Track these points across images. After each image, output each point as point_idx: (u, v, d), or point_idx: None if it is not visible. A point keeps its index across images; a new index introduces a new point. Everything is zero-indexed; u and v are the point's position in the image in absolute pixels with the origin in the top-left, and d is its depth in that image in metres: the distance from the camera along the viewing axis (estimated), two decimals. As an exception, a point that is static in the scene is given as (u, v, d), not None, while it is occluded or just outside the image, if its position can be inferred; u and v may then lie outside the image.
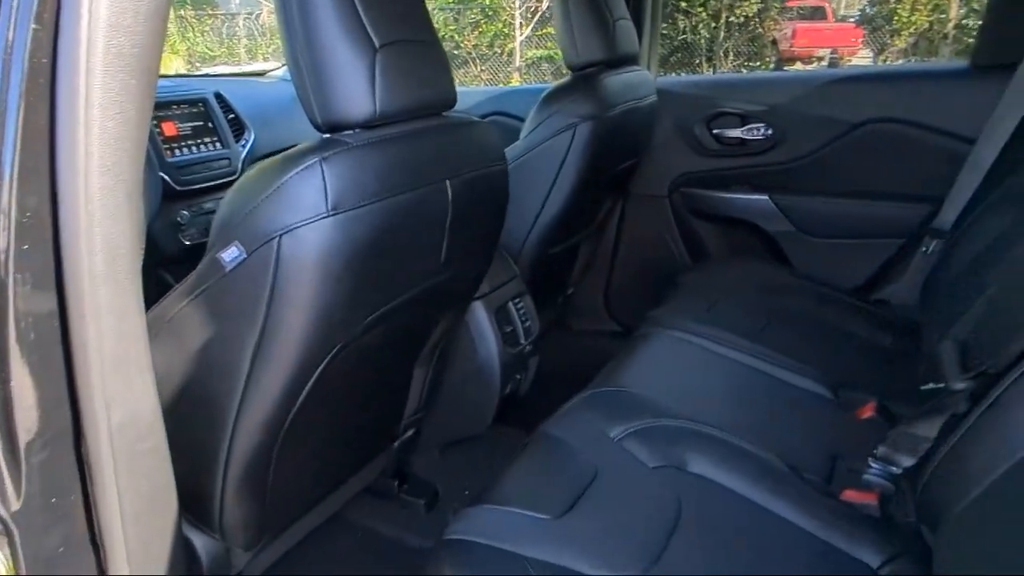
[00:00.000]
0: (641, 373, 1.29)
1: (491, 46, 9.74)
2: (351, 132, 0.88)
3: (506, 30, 9.61)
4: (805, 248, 1.90)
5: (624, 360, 1.34)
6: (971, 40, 9.00)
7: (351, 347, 0.98)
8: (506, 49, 9.63)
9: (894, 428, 1.00)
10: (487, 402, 1.49)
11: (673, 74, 8.58)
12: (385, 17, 0.89)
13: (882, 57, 9.86)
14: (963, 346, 1.20)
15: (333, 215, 0.81)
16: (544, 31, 9.22)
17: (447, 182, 0.97)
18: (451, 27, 9.70)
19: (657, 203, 2.08)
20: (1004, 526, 0.76)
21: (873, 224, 1.81)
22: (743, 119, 1.95)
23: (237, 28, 10.24)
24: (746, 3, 9.31)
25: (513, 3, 9.48)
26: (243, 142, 1.61)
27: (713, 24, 9.29)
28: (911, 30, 9.48)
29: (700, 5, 9.17)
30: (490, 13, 9.74)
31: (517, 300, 1.49)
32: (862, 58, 10.65)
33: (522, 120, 1.72)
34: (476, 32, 9.77)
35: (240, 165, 1.56)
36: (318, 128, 0.90)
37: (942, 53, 9.04)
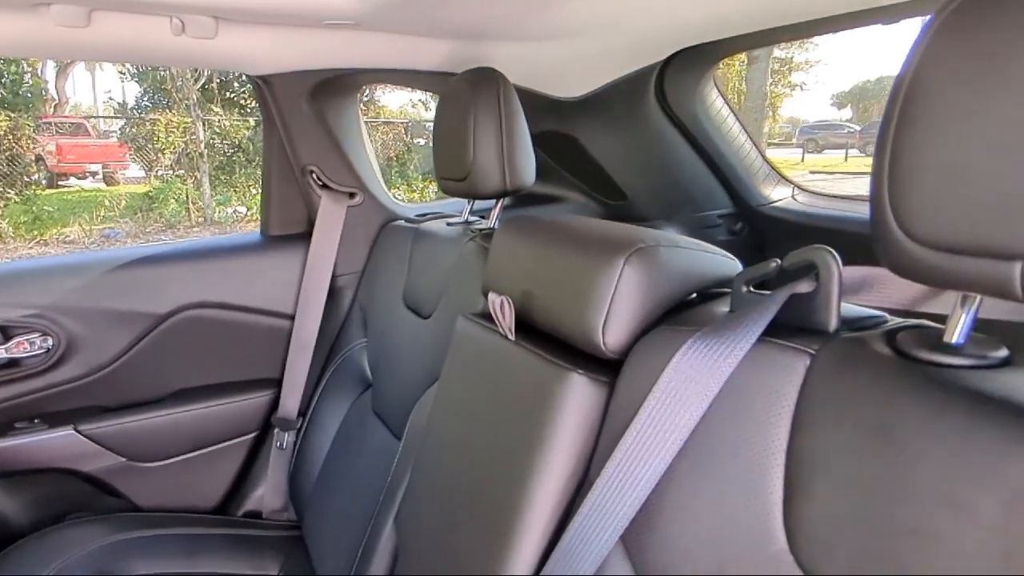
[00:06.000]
0: None
1: None
2: None
3: None
4: (145, 478, 1.25)
5: None
6: (222, 157, 9.31)
7: None
8: None
9: None
10: None
11: None
12: None
13: (153, 171, 9.13)
14: None
15: None
16: None
17: None
18: None
19: None
20: None
21: (217, 426, 1.31)
22: (4, 331, 1.17)
23: None
24: (-10, 121, 7.20)
25: None
26: None
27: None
28: (172, 149, 9.08)
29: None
30: None
31: None
32: (135, 173, 9.76)
33: None
34: None
35: None
36: None
37: (202, 168, 8.91)
